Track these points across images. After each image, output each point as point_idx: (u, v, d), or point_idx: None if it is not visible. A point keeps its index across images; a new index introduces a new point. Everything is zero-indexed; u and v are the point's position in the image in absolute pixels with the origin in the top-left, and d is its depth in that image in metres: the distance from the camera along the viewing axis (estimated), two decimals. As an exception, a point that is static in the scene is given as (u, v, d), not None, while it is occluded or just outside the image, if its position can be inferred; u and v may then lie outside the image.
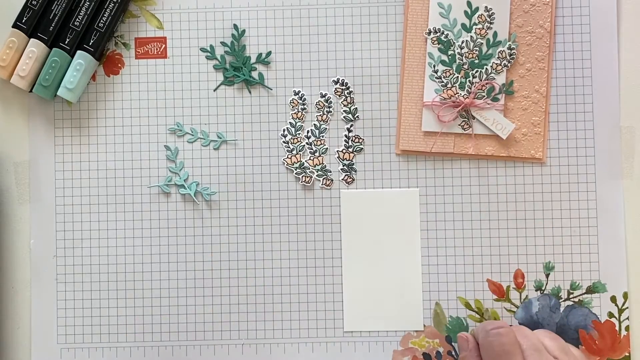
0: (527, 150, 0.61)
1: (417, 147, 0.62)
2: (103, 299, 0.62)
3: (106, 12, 0.61)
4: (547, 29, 0.61)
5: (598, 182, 0.61)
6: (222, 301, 0.62)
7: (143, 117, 0.63)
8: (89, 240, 0.62)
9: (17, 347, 0.62)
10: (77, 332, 0.62)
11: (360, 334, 0.61)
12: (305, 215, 0.62)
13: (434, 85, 0.61)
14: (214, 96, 0.63)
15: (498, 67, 0.61)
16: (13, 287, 0.63)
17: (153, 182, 0.63)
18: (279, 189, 0.62)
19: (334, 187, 0.62)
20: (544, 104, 0.61)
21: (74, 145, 0.63)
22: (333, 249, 0.62)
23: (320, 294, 0.62)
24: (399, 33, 0.62)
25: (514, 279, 0.61)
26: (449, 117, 0.61)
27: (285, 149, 0.62)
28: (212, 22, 0.63)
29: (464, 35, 0.61)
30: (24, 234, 0.63)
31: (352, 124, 0.62)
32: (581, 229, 0.61)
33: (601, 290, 0.60)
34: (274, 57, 0.63)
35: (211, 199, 0.62)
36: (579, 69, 0.61)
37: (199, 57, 0.63)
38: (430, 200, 0.61)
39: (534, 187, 0.61)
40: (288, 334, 0.62)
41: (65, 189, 0.63)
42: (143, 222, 0.62)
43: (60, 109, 0.63)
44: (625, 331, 0.60)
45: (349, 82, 0.62)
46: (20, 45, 0.61)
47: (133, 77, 0.63)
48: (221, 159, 0.62)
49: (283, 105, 0.63)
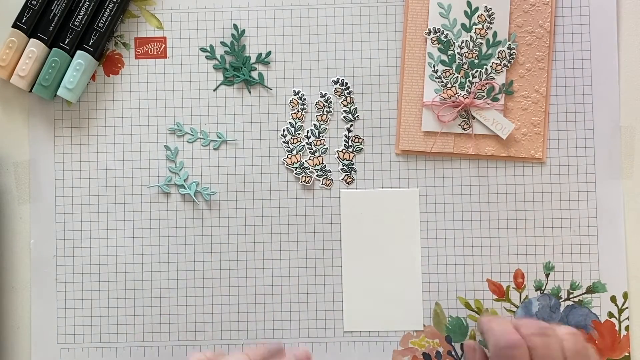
0: (527, 150, 0.61)
1: (417, 147, 0.62)
2: (103, 299, 0.62)
3: (106, 12, 0.61)
4: (547, 29, 0.61)
5: (598, 182, 0.61)
6: (222, 301, 0.62)
7: (143, 117, 0.63)
8: (89, 240, 0.62)
9: (17, 347, 0.62)
10: (77, 332, 0.62)
11: (360, 334, 0.61)
12: (305, 215, 0.62)
13: (433, 85, 0.61)
14: (214, 96, 0.63)
15: (498, 67, 0.61)
16: (13, 287, 0.63)
17: (153, 182, 0.63)
18: (279, 189, 0.62)
19: (334, 187, 0.62)
20: (543, 104, 0.61)
21: (74, 145, 0.63)
22: (333, 249, 0.62)
23: (320, 294, 0.62)
24: (399, 33, 0.62)
25: (514, 279, 0.61)
26: (448, 117, 0.61)
27: (285, 149, 0.62)
28: (212, 22, 0.63)
29: (463, 35, 0.61)
30: (24, 234, 0.63)
31: (352, 124, 0.62)
32: (581, 229, 0.61)
33: (601, 290, 0.60)
34: (273, 57, 0.63)
35: (211, 199, 0.62)
36: (579, 69, 0.61)
37: (198, 57, 0.63)
38: (430, 200, 0.61)
39: (534, 187, 0.61)
40: (288, 334, 0.62)
41: (65, 189, 0.63)
42: (143, 222, 0.62)
43: (60, 109, 0.63)
44: (625, 331, 0.60)
45: (349, 82, 0.62)
46: (20, 45, 0.61)
47: (133, 77, 0.63)
48: (221, 159, 0.62)
49: (283, 105, 0.63)
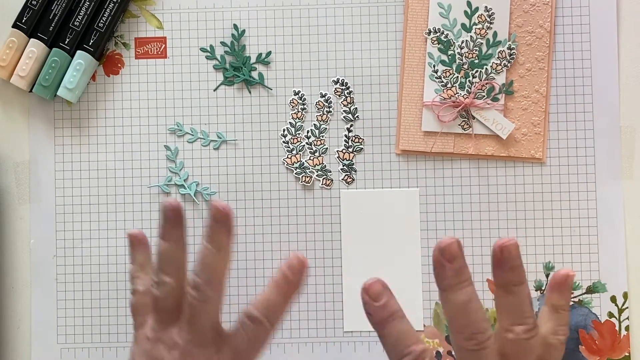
0: (527, 150, 0.61)
1: (417, 147, 0.62)
2: (103, 299, 0.62)
3: (106, 12, 0.61)
4: (547, 29, 0.61)
5: (598, 182, 0.61)
6: (222, 301, 0.62)
7: (143, 117, 0.63)
8: (89, 240, 0.62)
9: (17, 347, 0.62)
10: (77, 332, 0.62)
11: (360, 334, 0.61)
12: (305, 215, 0.62)
13: (434, 85, 0.61)
14: (214, 96, 0.63)
15: (498, 67, 0.61)
16: (13, 287, 0.63)
17: (153, 182, 0.63)
18: (279, 189, 0.62)
19: (334, 187, 0.62)
20: (543, 104, 0.61)
21: (74, 145, 0.63)
22: (333, 249, 0.62)
23: (320, 294, 0.62)
24: (399, 33, 0.62)
25: (514, 279, 0.61)
26: (449, 117, 0.61)
27: (285, 149, 0.62)
28: (212, 22, 0.63)
29: (463, 35, 0.61)
30: (24, 234, 0.63)
31: (352, 124, 0.62)
32: (581, 229, 0.61)
33: (601, 290, 0.60)
34: (274, 57, 0.63)
35: (211, 199, 0.62)
36: (579, 69, 0.61)
37: (198, 57, 0.63)
38: (430, 200, 0.61)
39: (534, 187, 0.61)
40: (288, 334, 0.62)
41: (65, 189, 0.63)
42: (143, 222, 0.62)
43: (60, 109, 0.63)
44: (625, 331, 0.60)
45: (349, 82, 0.62)
46: (20, 45, 0.61)
47: (133, 77, 0.63)
48: (221, 159, 0.62)
49: (283, 105, 0.63)
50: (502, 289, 0.40)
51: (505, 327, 0.39)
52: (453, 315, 0.39)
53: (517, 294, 0.40)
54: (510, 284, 0.40)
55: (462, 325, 0.39)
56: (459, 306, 0.39)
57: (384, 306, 0.39)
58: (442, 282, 0.39)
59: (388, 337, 0.39)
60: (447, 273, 0.39)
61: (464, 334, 0.39)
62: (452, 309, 0.39)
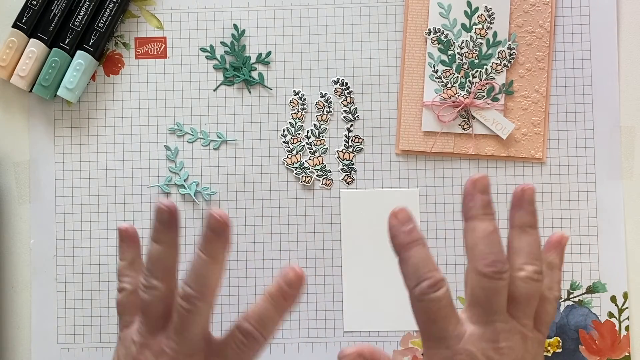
0: (527, 150, 0.61)
1: (417, 147, 0.62)
2: (103, 299, 0.62)
3: (106, 12, 0.61)
4: (547, 29, 0.61)
5: (598, 182, 0.61)
6: (221, 301, 0.62)
7: (143, 117, 0.63)
8: (89, 240, 0.62)
9: (17, 347, 0.62)
10: (77, 332, 0.62)
11: (360, 334, 0.61)
12: (305, 215, 0.62)
13: (433, 85, 0.61)
14: (214, 96, 0.63)
15: (498, 67, 0.61)
16: (13, 287, 0.63)
17: (153, 182, 0.63)
18: (279, 189, 0.62)
19: (334, 187, 0.62)
20: (543, 104, 0.61)
21: (74, 145, 0.63)
22: (333, 249, 0.62)
23: (320, 294, 0.62)
24: (399, 33, 0.62)
25: (514, 279, 0.61)
26: (449, 117, 0.61)
27: (285, 149, 0.62)
28: (212, 22, 0.63)
29: (463, 35, 0.61)
30: (24, 234, 0.63)
31: (352, 124, 0.62)
32: (581, 229, 0.61)
33: (601, 290, 0.60)
34: (274, 57, 0.63)
35: (211, 199, 0.62)
36: (579, 69, 0.61)
37: (198, 57, 0.63)
38: (430, 200, 0.61)
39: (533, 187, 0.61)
40: (288, 334, 0.62)
41: (65, 189, 0.63)
42: (143, 222, 0.62)
43: (60, 109, 0.63)
44: (625, 331, 0.60)
45: (349, 82, 0.62)
46: (20, 45, 0.61)
47: (133, 77, 0.63)
48: (221, 159, 0.62)
49: (283, 105, 0.63)
50: (517, 229, 0.41)
51: (517, 267, 0.40)
52: (477, 242, 0.40)
53: (532, 235, 0.41)
54: (527, 225, 0.41)
55: (485, 252, 0.39)
56: (484, 233, 0.40)
57: (410, 231, 0.41)
58: (469, 211, 0.41)
59: (410, 259, 0.40)
60: (476, 202, 0.40)
61: (486, 259, 0.39)
62: (476, 236, 0.40)
